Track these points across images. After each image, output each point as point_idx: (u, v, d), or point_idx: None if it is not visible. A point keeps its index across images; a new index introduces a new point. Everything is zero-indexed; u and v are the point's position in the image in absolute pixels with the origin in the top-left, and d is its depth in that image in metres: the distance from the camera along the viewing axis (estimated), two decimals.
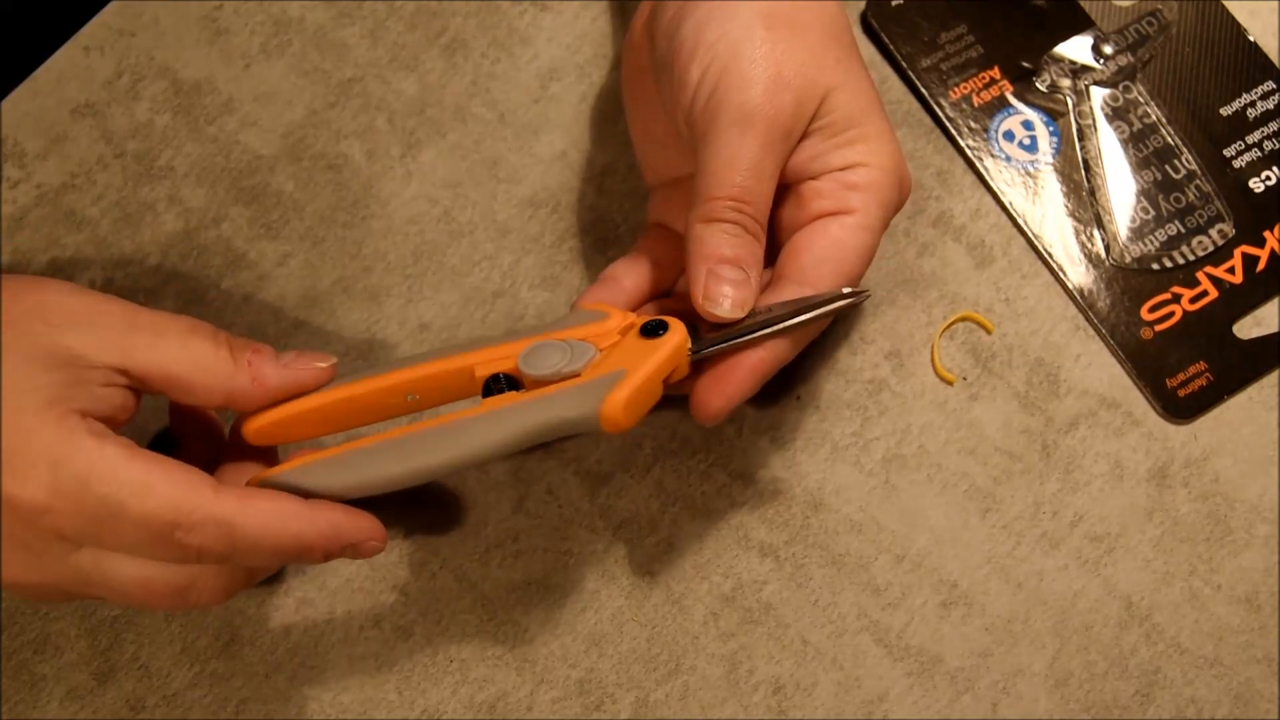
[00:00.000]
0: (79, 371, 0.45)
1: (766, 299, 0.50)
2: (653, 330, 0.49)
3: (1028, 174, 0.59)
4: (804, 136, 0.51)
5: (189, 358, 0.47)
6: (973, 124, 0.60)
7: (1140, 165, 0.59)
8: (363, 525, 0.48)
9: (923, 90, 0.60)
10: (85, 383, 0.45)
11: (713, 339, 0.49)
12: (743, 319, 0.49)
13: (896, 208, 0.52)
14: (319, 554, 0.47)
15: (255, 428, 0.49)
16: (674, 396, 0.50)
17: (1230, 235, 0.58)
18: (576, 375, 0.48)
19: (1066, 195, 0.59)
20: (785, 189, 0.51)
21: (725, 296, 0.49)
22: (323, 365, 0.49)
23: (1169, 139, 0.59)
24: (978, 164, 0.59)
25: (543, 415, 0.47)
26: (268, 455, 0.50)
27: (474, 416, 0.47)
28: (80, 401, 0.45)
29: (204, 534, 0.44)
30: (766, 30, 0.50)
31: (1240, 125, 0.59)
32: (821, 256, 0.50)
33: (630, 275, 0.53)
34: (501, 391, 0.48)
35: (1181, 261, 0.58)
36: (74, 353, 0.45)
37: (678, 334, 0.48)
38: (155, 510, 0.44)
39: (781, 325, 0.49)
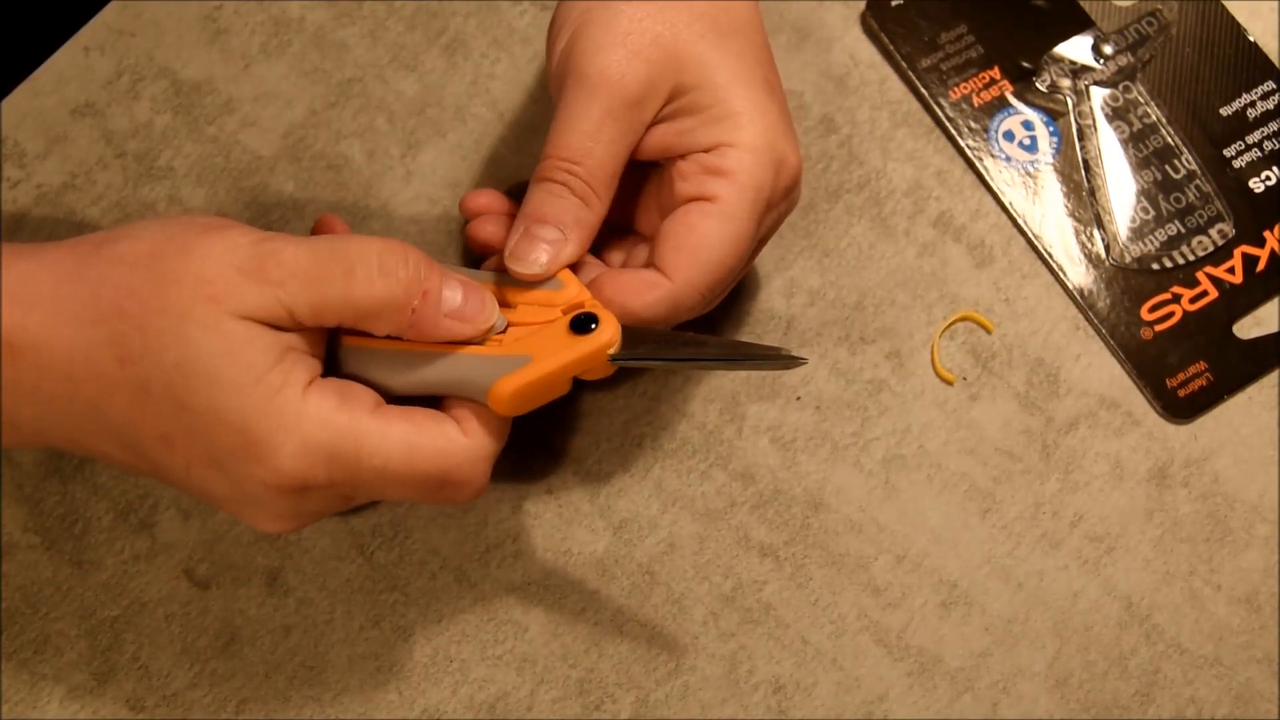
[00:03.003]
0: (283, 349, 0.45)
1: (630, 288, 0.48)
2: (582, 325, 0.47)
3: (1028, 174, 0.59)
4: (669, 115, 0.49)
5: (352, 304, 0.45)
6: (973, 124, 0.60)
7: (1140, 165, 0.59)
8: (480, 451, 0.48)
9: (923, 90, 0.60)
10: (295, 350, 0.45)
11: (640, 352, 0.47)
12: (675, 337, 0.48)
13: (774, 191, 0.50)
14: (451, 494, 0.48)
15: None
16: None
17: (1230, 235, 0.58)
18: (480, 342, 0.47)
19: (1066, 195, 0.59)
20: (658, 171, 0.51)
21: (535, 255, 0.48)
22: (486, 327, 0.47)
23: (1169, 139, 0.59)
24: (978, 164, 0.59)
25: (443, 373, 0.47)
26: None
27: (398, 351, 0.47)
28: (303, 371, 0.45)
29: (468, 480, 0.47)
30: (628, 2, 0.49)
31: (1240, 125, 0.59)
32: (678, 244, 0.49)
33: None
34: None
35: (1181, 261, 0.58)
36: (266, 330, 0.44)
37: (604, 335, 0.47)
38: (425, 471, 0.46)
39: (707, 361, 0.48)
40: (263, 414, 0.44)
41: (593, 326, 0.47)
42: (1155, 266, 0.58)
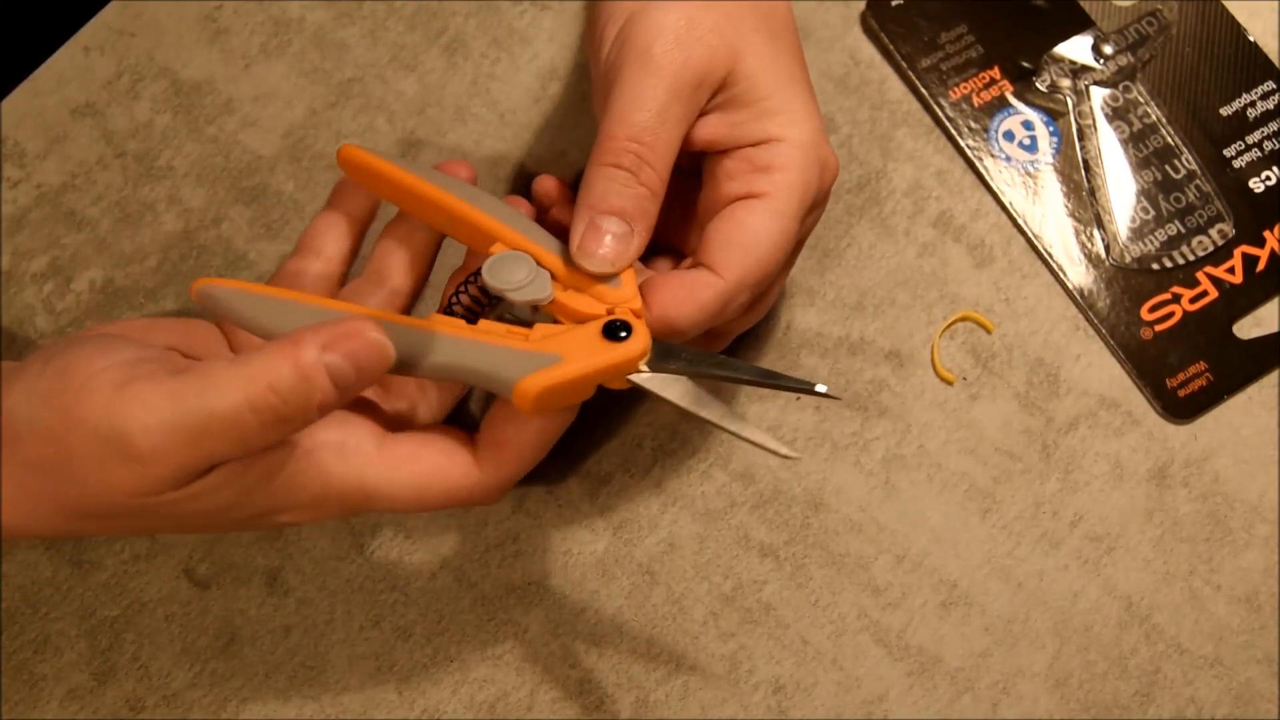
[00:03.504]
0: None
1: (683, 290, 0.47)
2: (613, 332, 0.46)
3: (1028, 174, 0.59)
4: (719, 105, 0.49)
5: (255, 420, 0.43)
6: (973, 124, 0.60)
7: (1140, 165, 0.59)
8: None
9: (923, 90, 0.60)
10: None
11: (670, 368, 0.46)
12: (706, 357, 0.47)
13: (818, 190, 0.49)
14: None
15: None
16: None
17: (1230, 235, 0.58)
18: (526, 319, 0.47)
19: (1066, 195, 0.59)
20: (701, 167, 0.50)
21: (604, 250, 0.47)
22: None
23: (1169, 139, 0.59)
24: (978, 164, 0.59)
25: (472, 361, 0.46)
26: None
27: (428, 331, 0.46)
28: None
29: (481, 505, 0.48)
30: None
31: (1240, 125, 0.59)
32: (727, 241, 0.48)
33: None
34: (462, 309, 0.49)
35: (1181, 261, 0.58)
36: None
37: (635, 347, 0.46)
38: (436, 507, 0.47)
39: (738, 378, 0.46)
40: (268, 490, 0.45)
41: (623, 335, 0.46)
42: (1155, 266, 0.58)
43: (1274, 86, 0.60)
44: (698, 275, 0.48)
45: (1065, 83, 0.60)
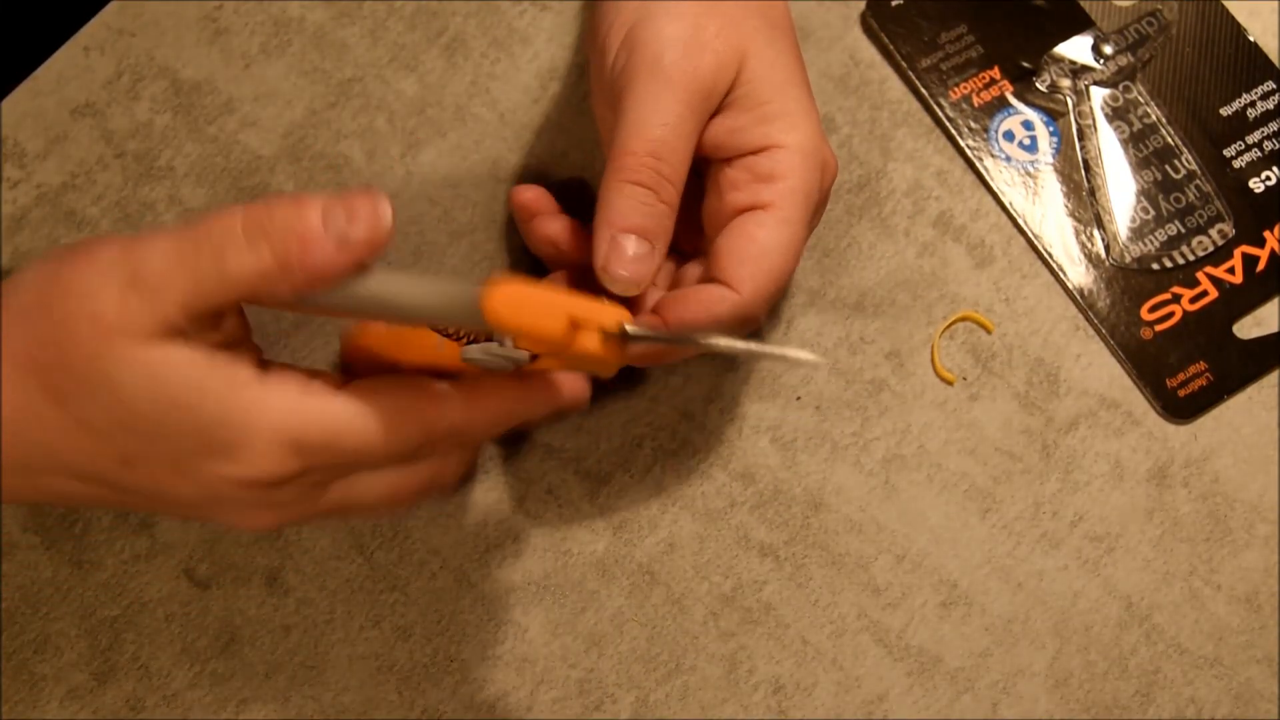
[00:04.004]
0: (207, 353, 0.43)
1: (699, 306, 0.47)
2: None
3: (1028, 174, 0.59)
4: (725, 107, 0.49)
5: (254, 276, 0.42)
6: (973, 124, 0.60)
7: (1140, 165, 0.59)
8: (566, 386, 0.46)
9: (923, 90, 0.60)
10: (220, 346, 0.43)
11: (651, 328, 0.45)
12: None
13: (821, 193, 0.49)
14: (540, 411, 0.46)
15: None
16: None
17: (1230, 235, 0.58)
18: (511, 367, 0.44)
19: (1066, 195, 0.59)
20: (705, 175, 0.50)
21: (624, 270, 0.46)
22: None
23: (1169, 139, 0.59)
24: (978, 164, 0.59)
25: (431, 285, 0.43)
26: None
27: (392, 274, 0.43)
28: (244, 363, 0.43)
29: (445, 443, 0.44)
30: None
31: (1240, 125, 0.59)
32: (741, 257, 0.48)
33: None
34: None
35: (1181, 261, 0.58)
36: (181, 346, 0.42)
37: (620, 310, 0.44)
38: (398, 443, 0.43)
39: (722, 343, 0.45)
40: (220, 418, 0.42)
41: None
42: (1155, 266, 0.58)
43: (1274, 86, 0.60)
44: (713, 291, 0.48)
45: (1065, 83, 0.60)
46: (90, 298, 0.42)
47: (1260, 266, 0.58)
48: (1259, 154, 0.59)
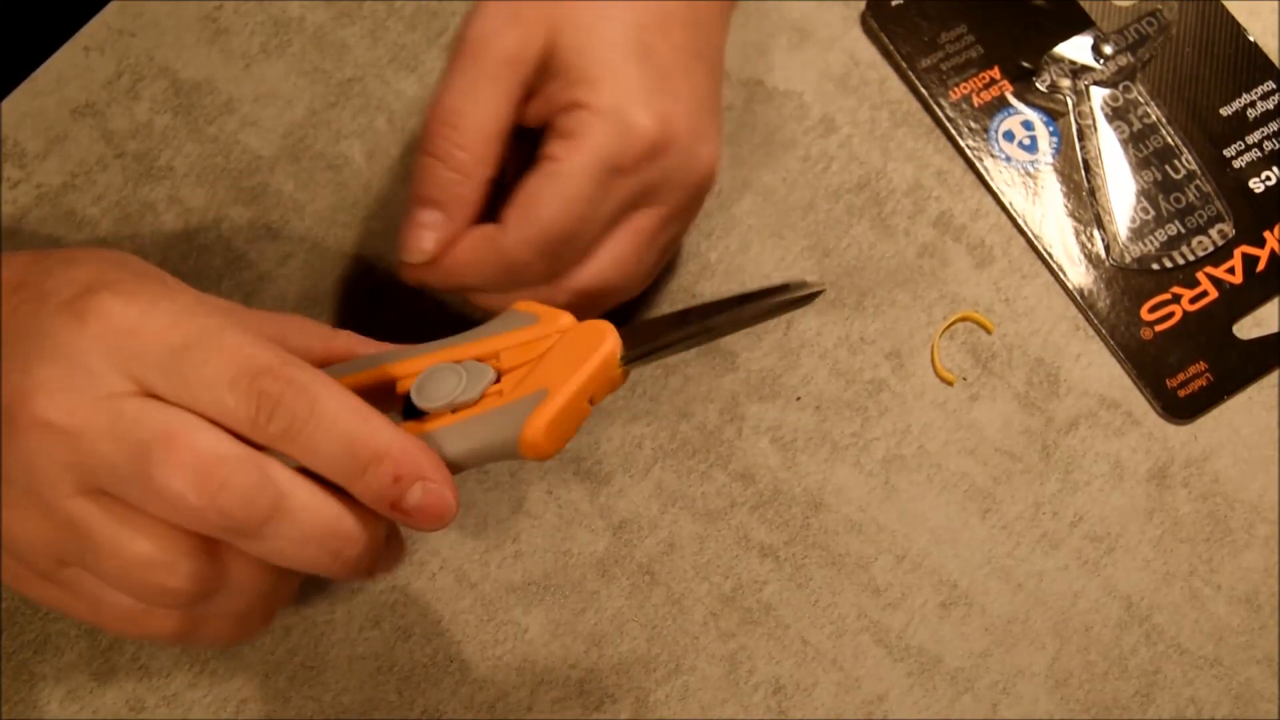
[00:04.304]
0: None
1: (465, 243, 0.47)
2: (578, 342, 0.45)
3: (1028, 174, 0.59)
4: (546, 77, 0.49)
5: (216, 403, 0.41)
6: (973, 124, 0.60)
7: (1140, 165, 0.59)
8: (432, 466, 0.42)
9: (923, 90, 0.60)
10: None
11: (644, 348, 0.45)
12: (674, 318, 0.46)
13: (623, 156, 0.48)
14: (387, 475, 0.41)
15: None
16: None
17: (1230, 235, 0.58)
18: (473, 404, 0.44)
19: (1066, 195, 0.59)
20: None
21: (420, 243, 0.48)
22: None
23: (1169, 139, 0.59)
24: (978, 164, 0.59)
25: (469, 443, 0.43)
26: None
27: (420, 436, 0.44)
28: None
29: (285, 386, 0.40)
30: None
31: (1240, 125, 0.59)
32: (514, 201, 0.48)
33: None
34: (419, 416, 0.45)
35: (1181, 261, 0.58)
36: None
37: (607, 343, 0.44)
38: (250, 356, 0.40)
39: (720, 324, 0.46)
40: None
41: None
42: (1155, 266, 0.58)
43: (1274, 86, 0.60)
44: (483, 230, 0.49)
45: (1065, 83, 0.60)
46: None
47: (1260, 266, 0.58)
48: (1259, 154, 0.59)
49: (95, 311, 0.40)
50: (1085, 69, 0.60)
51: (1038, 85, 0.60)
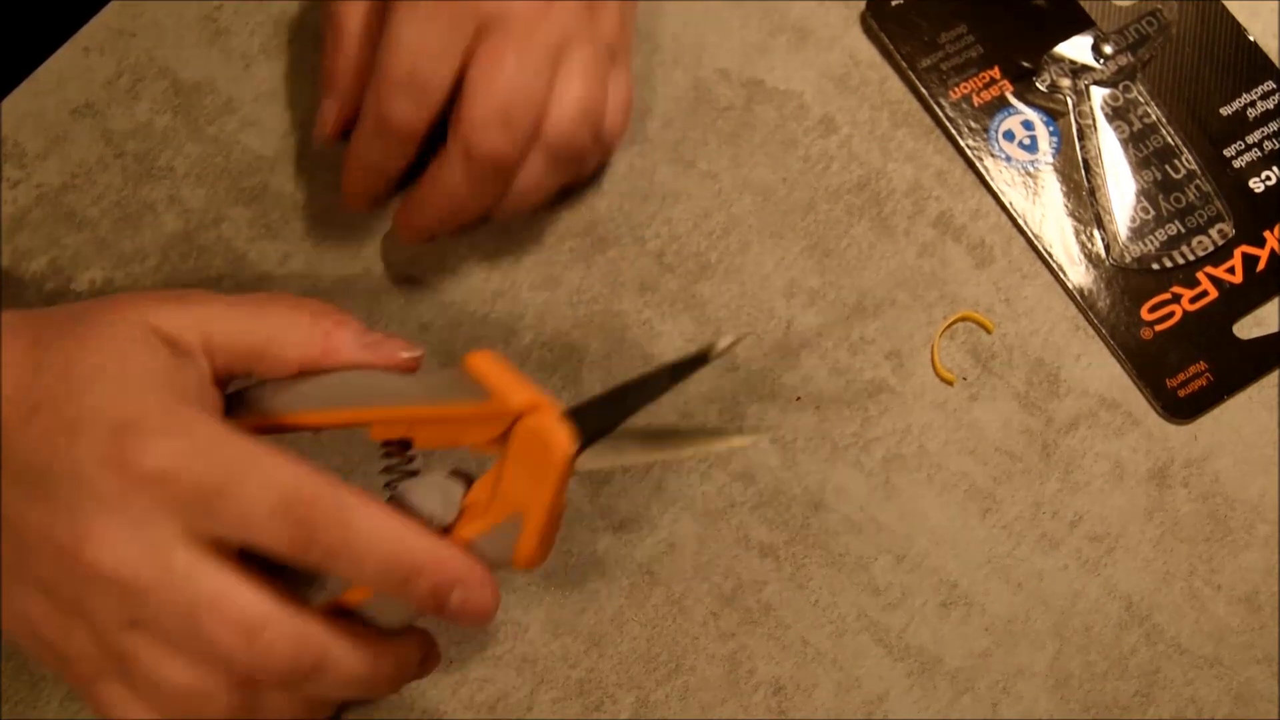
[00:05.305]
0: (181, 359, 0.44)
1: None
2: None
3: (1028, 174, 0.59)
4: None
5: (264, 327, 0.46)
6: (973, 124, 0.60)
7: (1140, 165, 0.59)
8: (467, 570, 0.45)
9: (923, 90, 0.60)
10: (187, 370, 0.44)
11: (594, 432, 0.46)
12: (618, 392, 0.47)
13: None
14: (425, 587, 0.43)
15: None
16: None
17: (1230, 235, 0.58)
18: (455, 520, 0.46)
19: (1066, 195, 0.59)
20: None
21: (319, 125, 0.55)
22: (406, 355, 0.47)
23: (1169, 139, 0.59)
24: (978, 164, 0.59)
25: None
26: None
27: None
28: (189, 393, 0.44)
29: (320, 515, 0.42)
30: None
31: (1240, 125, 0.59)
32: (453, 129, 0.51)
33: None
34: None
35: (1181, 261, 0.58)
36: (168, 334, 0.45)
37: (559, 446, 0.45)
38: (284, 485, 0.42)
39: (653, 392, 0.47)
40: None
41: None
42: (1155, 266, 0.58)
43: (1274, 86, 0.60)
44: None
45: (1065, 83, 0.60)
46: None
47: (1260, 266, 0.58)
48: (1259, 154, 0.59)
49: (135, 463, 0.41)
50: (1085, 69, 0.60)
51: (1038, 85, 0.60)
